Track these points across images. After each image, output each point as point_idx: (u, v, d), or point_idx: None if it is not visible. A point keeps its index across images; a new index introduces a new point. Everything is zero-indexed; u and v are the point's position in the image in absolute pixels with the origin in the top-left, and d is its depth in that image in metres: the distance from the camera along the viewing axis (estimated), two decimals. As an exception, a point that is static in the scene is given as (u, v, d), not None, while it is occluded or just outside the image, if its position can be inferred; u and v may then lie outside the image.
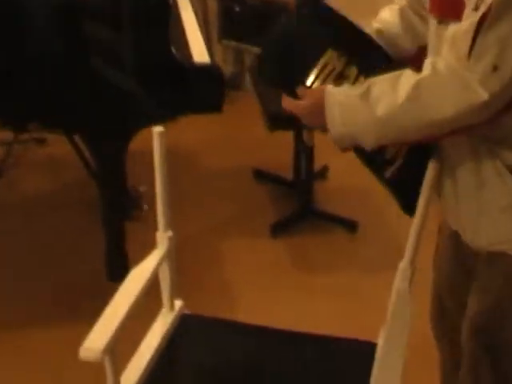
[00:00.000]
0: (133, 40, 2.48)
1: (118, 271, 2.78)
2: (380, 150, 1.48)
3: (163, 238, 1.70)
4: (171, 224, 1.72)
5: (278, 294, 2.95)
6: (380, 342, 1.68)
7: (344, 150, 1.46)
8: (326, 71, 1.47)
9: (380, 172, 1.55)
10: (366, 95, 1.37)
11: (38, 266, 3.03)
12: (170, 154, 1.65)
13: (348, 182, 3.66)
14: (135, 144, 2.60)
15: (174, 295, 1.79)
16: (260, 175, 3.74)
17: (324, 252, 3.26)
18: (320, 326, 2.69)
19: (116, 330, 1.43)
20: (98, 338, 1.41)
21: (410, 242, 1.58)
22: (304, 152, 3.38)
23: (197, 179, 3.79)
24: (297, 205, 3.48)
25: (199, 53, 2.71)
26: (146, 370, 1.63)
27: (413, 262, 1.59)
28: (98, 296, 2.78)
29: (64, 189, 3.64)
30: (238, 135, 4.14)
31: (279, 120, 3.03)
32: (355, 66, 1.46)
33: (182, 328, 1.78)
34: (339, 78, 1.46)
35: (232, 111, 3.68)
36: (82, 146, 3.13)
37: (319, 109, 1.41)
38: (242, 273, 3.05)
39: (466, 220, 1.54)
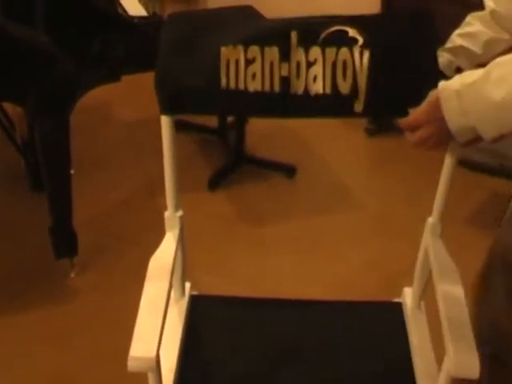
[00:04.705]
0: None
1: (67, 247, 2.59)
2: None
3: (174, 219, 1.54)
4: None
5: (231, 250, 2.83)
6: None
7: (465, 143, 1.34)
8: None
9: None
10: (484, 79, 1.24)
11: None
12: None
13: (278, 125, 3.54)
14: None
15: (185, 277, 1.64)
16: (184, 125, 3.56)
17: (267, 200, 3.16)
18: (287, 278, 2.64)
19: (160, 333, 1.28)
20: (143, 346, 1.25)
21: (438, 198, 1.52)
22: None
23: (116, 132, 3.58)
24: (228, 153, 3.35)
25: (132, 6, 2.48)
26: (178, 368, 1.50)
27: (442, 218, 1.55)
28: (44, 277, 2.57)
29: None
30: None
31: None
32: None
33: (199, 310, 1.65)
34: None
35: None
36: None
37: (436, 107, 1.30)
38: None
39: None
